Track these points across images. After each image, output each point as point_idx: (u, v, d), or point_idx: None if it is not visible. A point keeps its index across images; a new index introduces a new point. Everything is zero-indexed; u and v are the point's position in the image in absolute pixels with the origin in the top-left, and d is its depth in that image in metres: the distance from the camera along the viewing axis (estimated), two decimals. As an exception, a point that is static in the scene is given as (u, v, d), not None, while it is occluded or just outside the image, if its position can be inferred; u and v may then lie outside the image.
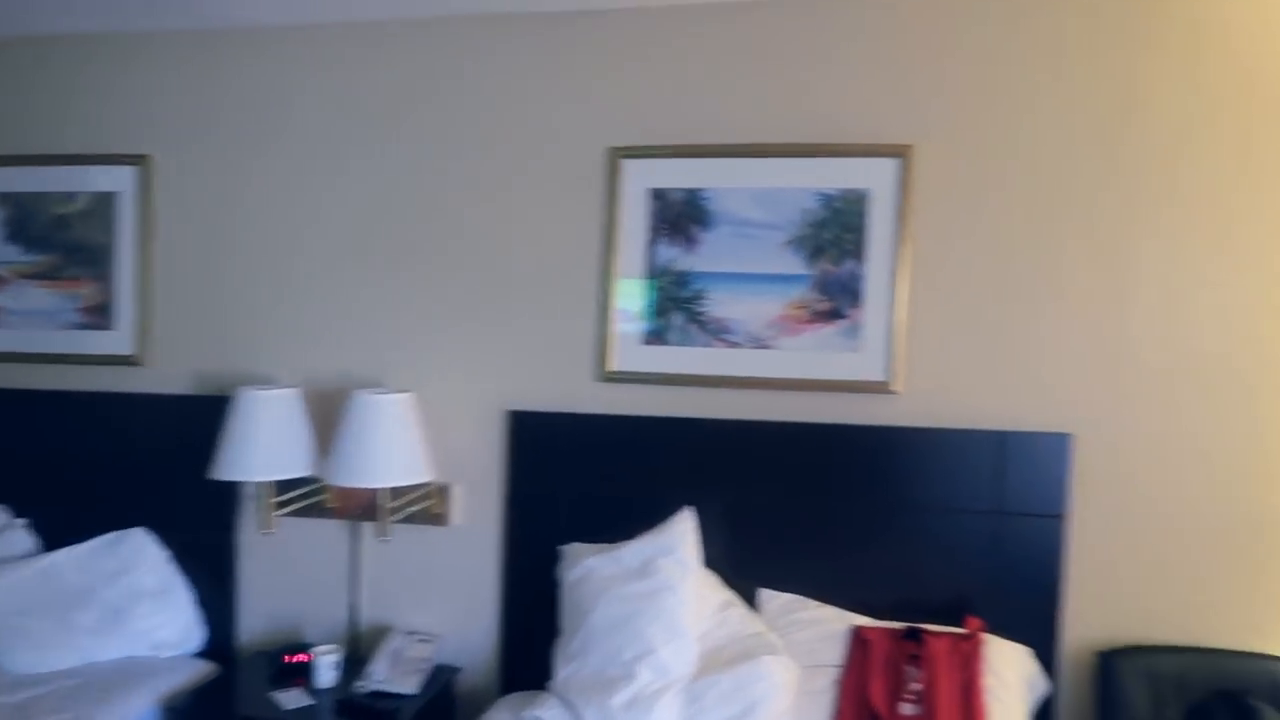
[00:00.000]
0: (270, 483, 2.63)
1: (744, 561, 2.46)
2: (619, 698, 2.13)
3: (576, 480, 2.58)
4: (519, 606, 2.63)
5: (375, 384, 2.71)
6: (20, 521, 2.87)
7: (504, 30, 2.66)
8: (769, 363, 2.52)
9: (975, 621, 2.25)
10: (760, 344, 2.53)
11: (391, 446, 2.48)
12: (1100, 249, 2.38)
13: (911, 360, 2.46)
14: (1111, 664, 2.29)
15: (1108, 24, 2.36)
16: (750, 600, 2.44)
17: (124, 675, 2.53)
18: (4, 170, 2.98)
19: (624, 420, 2.58)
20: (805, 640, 2.28)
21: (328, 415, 2.67)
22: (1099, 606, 2.37)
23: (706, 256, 2.56)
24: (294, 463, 2.59)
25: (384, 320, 2.75)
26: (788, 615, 2.36)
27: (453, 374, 2.70)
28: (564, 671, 2.28)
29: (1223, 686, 2.18)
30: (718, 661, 2.21)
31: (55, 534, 2.84)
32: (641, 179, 2.60)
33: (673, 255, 2.58)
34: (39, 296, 2.98)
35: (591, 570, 2.37)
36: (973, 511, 2.39)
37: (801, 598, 2.40)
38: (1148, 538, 2.36)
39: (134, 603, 2.68)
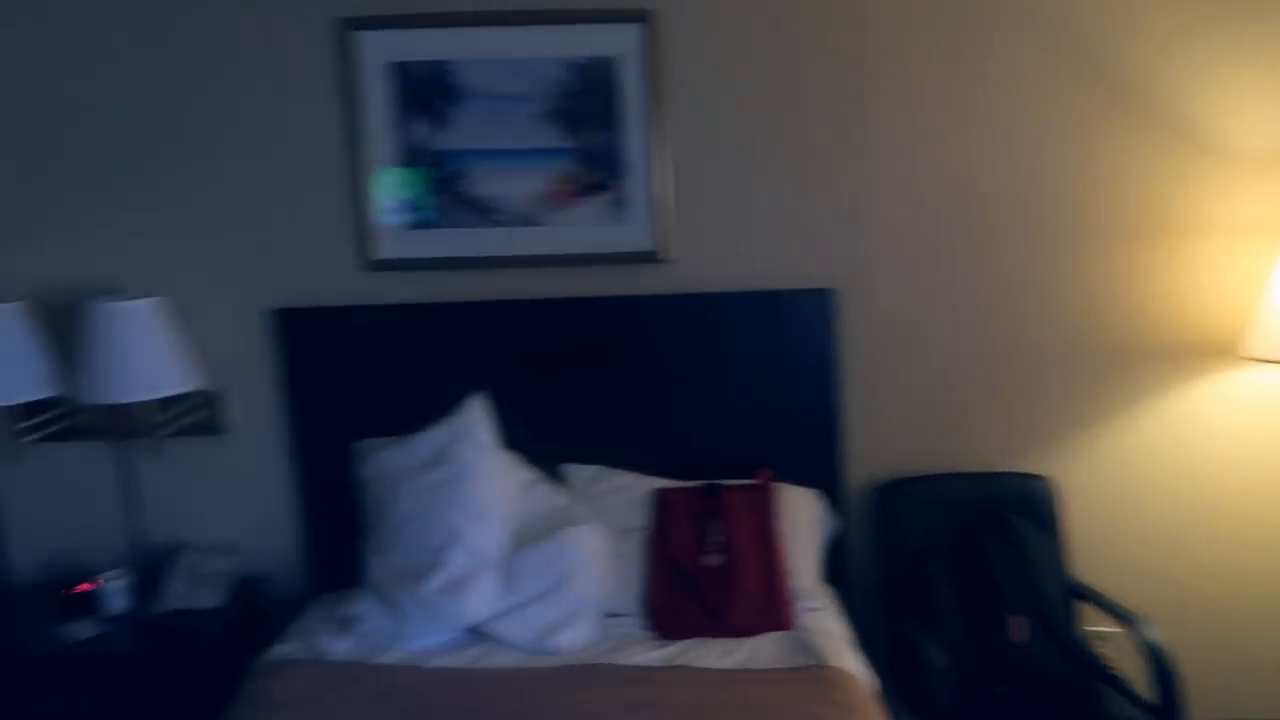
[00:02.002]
0: (10, 408, 2.38)
1: (543, 440, 2.48)
2: (432, 583, 2.14)
3: (359, 376, 2.49)
4: (319, 508, 2.56)
5: (119, 290, 2.45)
6: None
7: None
8: (540, 240, 2.47)
9: (766, 472, 2.39)
10: (529, 221, 2.46)
11: (145, 357, 2.28)
12: (842, 108, 2.46)
13: (679, 229, 2.48)
14: (889, 495, 2.52)
15: None
16: (558, 477, 2.48)
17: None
18: None
19: (399, 309, 2.48)
20: (612, 507, 2.36)
21: (66, 330, 2.42)
22: (875, 445, 2.58)
23: (460, 134, 2.42)
24: (28, 384, 2.34)
25: (121, 224, 2.47)
26: (593, 485, 2.42)
27: (206, 276, 2.49)
28: (373, 566, 2.26)
29: (985, 506, 2.46)
30: (528, 538, 2.25)
31: None
32: (380, 53, 2.39)
33: (425, 134, 2.42)
34: None
35: (387, 463, 2.34)
36: (752, 370, 2.50)
37: (605, 468, 2.47)
38: (911, 378, 2.57)
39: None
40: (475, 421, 2.36)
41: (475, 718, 1.81)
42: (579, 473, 2.47)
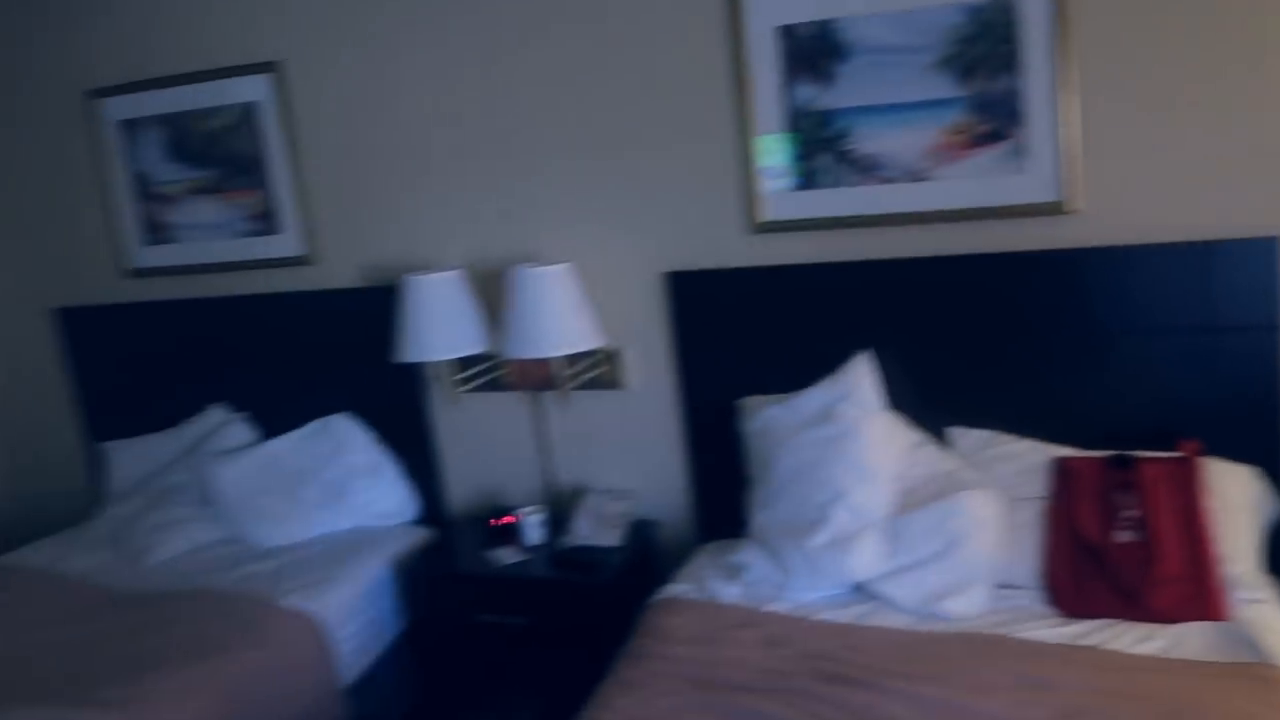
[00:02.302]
0: (450, 361, 2.74)
1: (929, 402, 2.40)
2: (816, 540, 2.17)
3: (744, 335, 2.56)
4: (705, 460, 2.69)
5: (534, 258, 2.75)
6: (239, 416, 3.16)
7: None
8: (928, 195, 2.36)
9: (1192, 444, 2.12)
10: (917, 176, 2.37)
11: (557, 317, 2.52)
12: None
13: (1087, 177, 2.25)
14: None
15: None
16: (941, 441, 2.39)
17: (355, 543, 2.80)
18: (156, 94, 3.07)
19: (782, 270, 2.51)
20: (1004, 475, 2.24)
21: (495, 292, 2.75)
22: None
23: (846, 91, 2.38)
24: (467, 341, 2.69)
25: (535, 196, 2.74)
26: (982, 451, 2.31)
27: (607, 242, 2.69)
28: (759, 519, 2.33)
29: None
30: (915, 500, 2.20)
31: (270, 425, 3.10)
32: (768, 17, 2.41)
33: (811, 95, 2.41)
34: (209, 210, 3.12)
35: (771, 421, 2.39)
36: (1174, 330, 2.21)
37: (995, 433, 2.34)
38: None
39: (350, 479, 2.93)
40: (860, 380, 2.35)
41: (865, 672, 1.82)
42: (967, 437, 2.36)
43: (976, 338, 2.37)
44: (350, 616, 2.54)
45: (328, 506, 2.90)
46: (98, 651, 2.24)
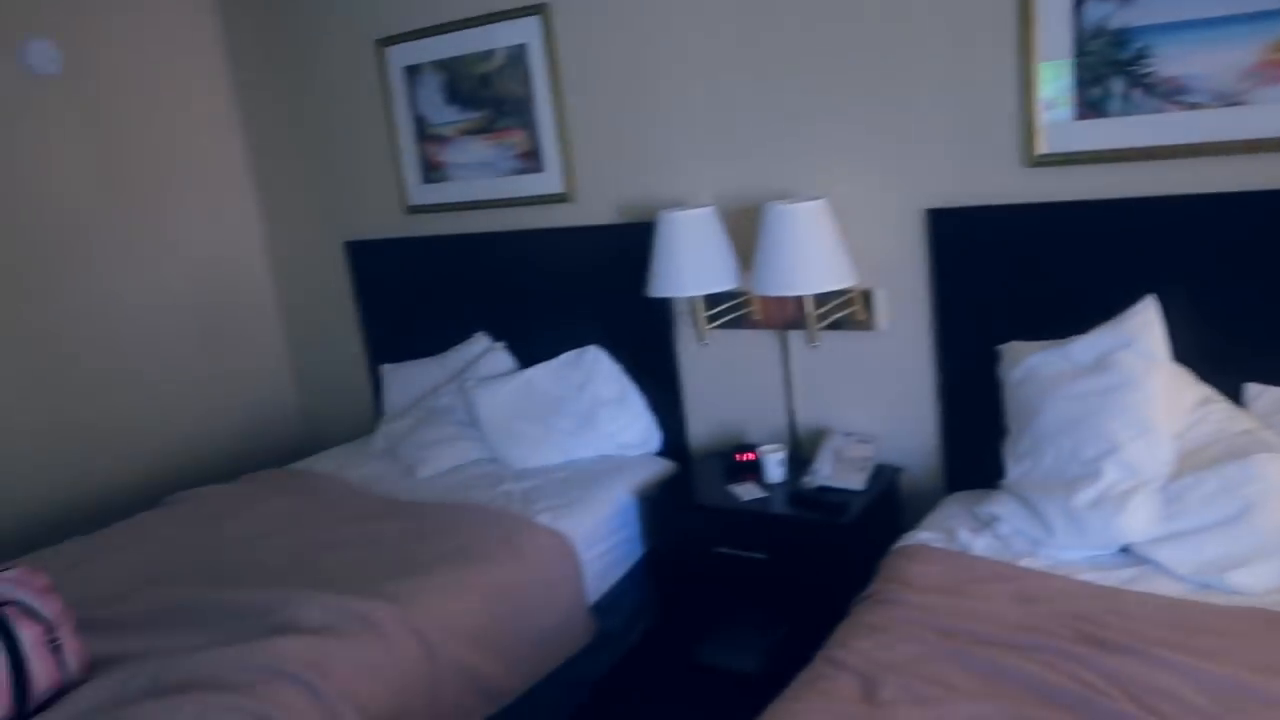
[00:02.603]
0: (700, 297, 2.78)
1: (1221, 355, 2.17)
2: (1083, 496, 2.03)
3: (1009, 277, 2.41)
4: (958, 407, 2.58)
5: (789, 194, 2.71)
6: (499, 345, 3.38)
7: None
8: (1242, 122, 2.10)
9: None
10: (1229, 100, 2.10)
11: (809, 254, 2.48)
12: None
13: None
14: None
15: None
16: (1233, 398, 2.16)
17: (602, 469, 2.93)
18: (433, 40, 3.28)
19: (1059, 208, 2.32)
20: (1311, 439, 1.99)
21: (745, 230, 2.75)
22: None
23: (1150, 6, 2.14)
24: (718, 277, 2.70)
25: (790, 131, 2.69)
26: (1284, 412, 2.06)
27: (864, 177, 2.61)
28: (1016, 471, 2.22)
29: None
30: (1199, 461, 2.01)
31: (526, 354, 3.30)
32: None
33: (1105, 13, 2.19)
34: (479, 149, 3.31)
35: (1036, 368, 2.24)
36: None
37: (1301, 392, 2.09)
38: None
39: (599, 409, 3.05)
40: (1143, 327, 2.15)
41: (1134, 639, 1.69)
42: (1266, 395, 2.12)
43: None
44: (597, 539, 2.67)
45: (577, 434, 3.05)
46: (376, 550, 2.48)
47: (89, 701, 1.86)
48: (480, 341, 3.40)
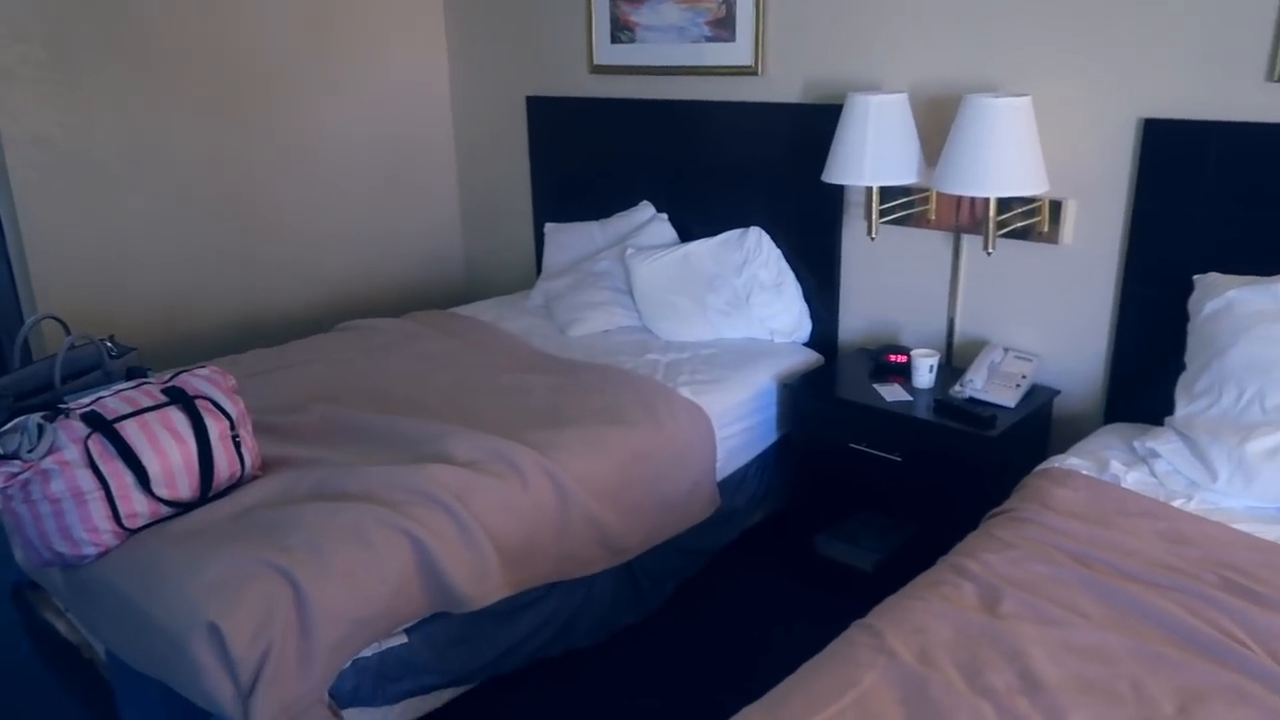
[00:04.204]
0: (876, 189, 2.67)
1: None
2: (1258, 444, 1.91)
3: (1223, 204, 2.21)
4: (1133, 336, 2.43)
5: (989, 88, 2.55)
6: (663, 215, 3.38)
7: None
8: None
9: None
10: None
11: (1004, 154, 2.32)
12: None
13: None
14: None
15: None
16: None
17: (748, 352, 2.94)
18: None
19: (1296, 128, 2.09)
20: None
21: (937, 122, 2.61)
22: None
23: None
24: (901, 169, 2.59)
25: (1000, 17, 2.51)
26: None
27: (1077, 75, 2.41)
28: (1186, 408, 2.10)
29: None
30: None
31: (687, 228, 3.29)
32: None
33: None
34: (671, 13, 3.24)
35: (1234, 302, 2.09)
36: None
37: None
38: None
39: (755, 292, 3.03)
40: (1366, 274, 1.95)
41: (1285, 595, 1.60)
42: None
43: None
44: (735, 418, 2.70)
45: (729, 314, 3.05)
46: (524, 399, 2.59)
47: (261, 495, 2.07)
48: (645, 210, 3.41)
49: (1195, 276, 2.23)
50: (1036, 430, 2.55)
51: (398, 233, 4.05)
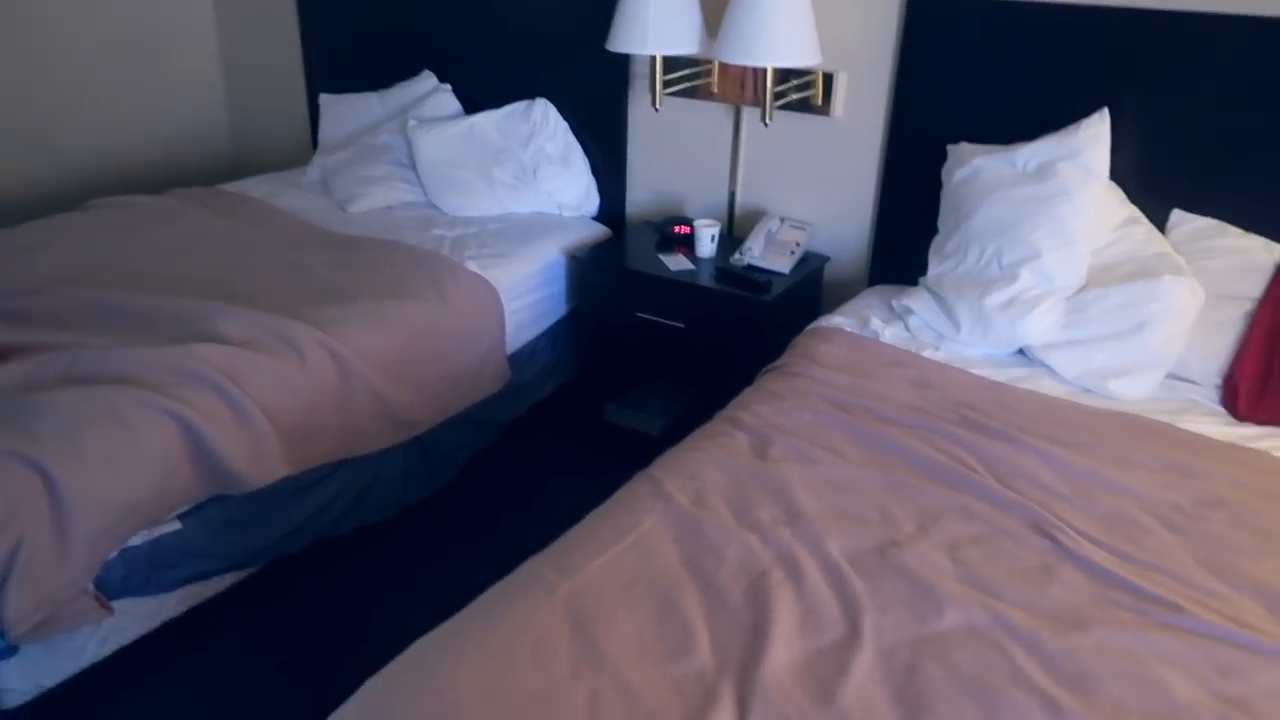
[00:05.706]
0: (660, 60, 2.66)
1: (1157, 177, 2.19)
2: (994, 298, 2.11)
3: (976, 77, 2.36)
4: (895, 203, 2.59)
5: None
6: (445, 86, 3.24)
7: None
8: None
9: None
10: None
11: (779, 24, 2.35)
12: None
13: None
14: None
15: None
16: (1159, 222, 2.20)
17: (536, 226, 2.93)
18: None
19: (1046, 9, 2.23)
20: (1218, 269, 2.06)
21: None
22: None
23: None
24: (683, 38, 2.58)
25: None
26: (1201, 241, 2.11)
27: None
28: (937, 268, 2.27)
29: None
30: (1110, 277, 2.08)
31: (472, 99, 3.17)
32: None
33: None
34: None
35: (980, 170, 2.25)
36: None
37: (1221, 223, 2.13)
38: None
39: (541, 165, 3.00)
40: (1091, 140, 2.15)
41: (1010, 428, 1.80)
42: (1189, 223, 2.17)
43: (1234, 113, 2.09)
44: (523, 292, 2.70)
45: (516, 188, 3.00)
46: (302, 276, 2.46)
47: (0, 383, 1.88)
48: (427, 80, 3.26)
49: (948, 146, 2.39)
50: (809, 294, 2.71)
51: (150, 100, 3.67)
